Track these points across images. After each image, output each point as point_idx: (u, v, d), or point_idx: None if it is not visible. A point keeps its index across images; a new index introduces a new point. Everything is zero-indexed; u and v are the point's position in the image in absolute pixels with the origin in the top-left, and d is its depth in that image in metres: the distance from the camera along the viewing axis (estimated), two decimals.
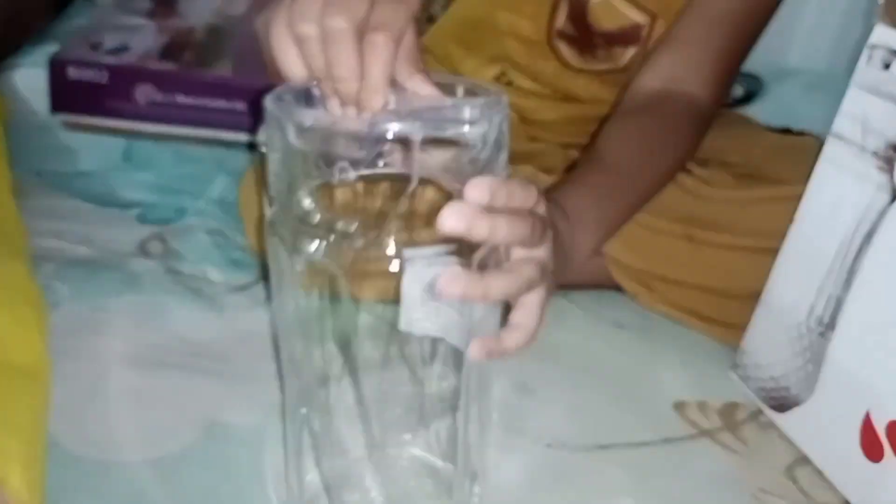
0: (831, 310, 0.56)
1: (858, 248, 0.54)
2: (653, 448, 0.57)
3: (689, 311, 0.71)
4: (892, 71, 0.52)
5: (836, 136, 0.56)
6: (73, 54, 0.90)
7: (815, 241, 0.58)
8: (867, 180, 0.54)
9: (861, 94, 0.54)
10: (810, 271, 0.57)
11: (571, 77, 0.80)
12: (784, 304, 0.60)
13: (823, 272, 0.56)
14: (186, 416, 0.54)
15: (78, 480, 0.48)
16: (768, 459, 0.58)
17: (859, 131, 0.54)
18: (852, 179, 0.55)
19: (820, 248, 0.57)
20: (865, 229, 0.54)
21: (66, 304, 0.62)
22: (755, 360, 0.63)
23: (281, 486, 0.49)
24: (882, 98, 0.53)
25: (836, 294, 0.56)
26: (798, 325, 0.59)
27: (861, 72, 0.54)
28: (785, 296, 0.60)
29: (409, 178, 0.40)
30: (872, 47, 0.53)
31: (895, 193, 0.52)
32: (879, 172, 0.53)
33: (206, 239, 0.75)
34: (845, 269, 0.55)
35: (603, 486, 0.54)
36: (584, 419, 0.59)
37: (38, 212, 0.74)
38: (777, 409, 0.60)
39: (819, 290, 0.57)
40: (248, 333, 0.63)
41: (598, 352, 0.67)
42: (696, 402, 0.62)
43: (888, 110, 0.52)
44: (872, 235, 0.53)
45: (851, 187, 0.55)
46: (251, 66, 0.93)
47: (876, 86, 0.53)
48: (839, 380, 0.56)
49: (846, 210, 0.55)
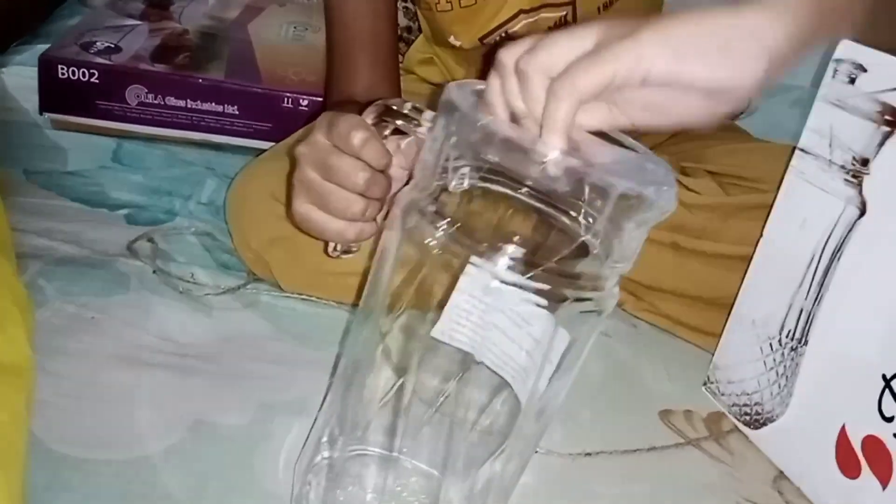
0: (803, 324, 0.56)
1: (829, 262, 0.54)
2: (639, 456, 0.58)
3: (676, 320, 0.71)
4: (858, 85, 0.52)
5: (804, 150, 0.56)
6: (64, 54, 0.90)
7: (784, 255, 0.58)
8: (836, 194, 0.54)
9: (827, 108, 0.55)
10: (780, 285, 0.58)
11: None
12: (755, 319, 0.60)
13: (794, 286, 0.57)
14: (173, 416, 0.53)
15: (62, 479, 0.47)
16: (755, 470, 0.58)
17: (826, 145, 0.55)
18: (820, 193, 0.55)
19: (790, 262, 0.57)
20: (835, 243, 0.54)
21: (53, 302, 0.62)
22: (727, 375, 0.63)
23: (268, 484, 0.49)
24: (848, 112, 0.53)
25: (808, 308, 0.56)
26: (769, 340, 0.59)
27: (827, 86, 0.55)
28: (756, 310, 0.60)
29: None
30: (838, 61, 0.53)
31: (864, 207, 0.52)
32: (847, 186, 0.53)
33: (194, 241, 0.74)
34: (816, 283, 0.55)
35: (589, 493, 0.54)
36: (571, 427, 0.59)
37: (26, 210, 0.73)
38: (750, 426, 0.60)
39: (790, 305, 0.57)
40: (235, 334, 0.63)
41: (584, 360, 0.67)
42: (682, 410, 0.63)
43: (855, 124, 0.53)
44: (842, 249, 0.54)
45: (820, 201, 0.55)
46: (243, 70, 0.94)
47: (842, 100, 0.53)
48: (813, 395, 0.56)
49: (815, 224, 0.55)
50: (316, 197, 0.50)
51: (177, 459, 0.50)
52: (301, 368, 0.60)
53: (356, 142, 0.47)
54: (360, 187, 0.48)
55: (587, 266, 0.39)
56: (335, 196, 0.49)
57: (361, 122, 0.47)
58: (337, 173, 0.48)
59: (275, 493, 0.49)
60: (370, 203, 0.49)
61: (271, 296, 0.68)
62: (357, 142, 0.47)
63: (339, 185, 0.48)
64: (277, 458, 0.52)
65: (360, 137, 0.47)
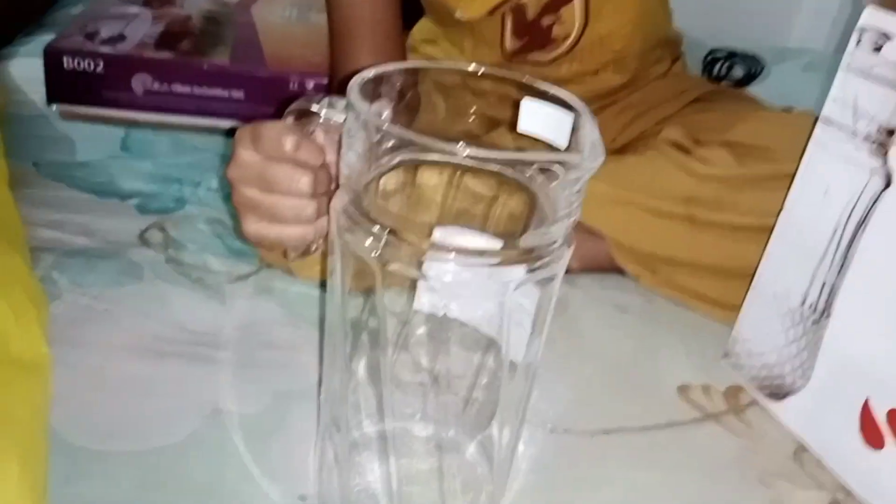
0: (826, 297, 0.55)
1: (852, 234, 0.53)
2: (657, 432, 0.57)
3: (693, 292, 0.70)
4: (884, 53, 0.51)
5: (826, 120, 0.55)
6: (69, 44, 0.90)
7: (806, 227, 0.57)
8: (859, 165, 0.53)
9: (851, 77, 0.53)
10: (802, 258, 0.57)
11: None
12: (776, 291, 0.59)
13: (816, 259, 0.56)
14: (189, 405, 0.54)
15: (82, 471, 0.48)
16: (775, 443, 0.58)
17: (850, 115, 0.53)
18: (844, 165, 0.54)
19: (812, 234, 0.56)
20: (859, 215, 0.53)
21: (67, 295, 0.62)
22: (747, 347, 0.62)
23: (284, 474, 0.49)
24: (873, 81, 0.52)
25: (831, 281, 0.55)
26: (792, 313, 0.58)
27: (851, 55, 0.53)
28: (777, 282, 0.59)
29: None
30: (862, 30, 0.52)
31: (889, 178, 0.51)
32: (872, 157, 0.52)
33: (206, 228, 0.74)
34: (839, 255, 0.54)
35: (607, 471, 0.53)
36: (588, 404, 0.59)
37: (37, 203, 0.73)
38: (771, 398, 0.60)
39: (812, 277, 0.56)
40: (248, 322, 0.63)
41: (600, 336, 0.66)
42: (700, 385, 0.62)
43: (880, 93, 0.51)
44: (866, 221, 0.52)
45: (843, 173, 0.54)
46: (248, 53, 0.93)
47: (866, 69, 0.52)
48: (836, 367, 0.55)
49: (838, 196, 0.54)
50: (264, 213, 0.48)
51: (194, 449, 0.50)
52: (315, 354, 0.60)
53: (288, 147, 0.46)
54: (307, 191, 0.47)
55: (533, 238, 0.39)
56: (283, 206, 0.47)
57: (286, 127, 0.46)
58: (279, 183, 0.47)
59: (293, 481, 0.49)
60: (319, 200, 0.48)
61: (284, 282, 0.68)
62: (289, 147, 0.46)
63: (285, 194, 0.47)
64: (294, 445, 0.52)
65: (290, 142, 0.46)
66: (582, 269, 0.71)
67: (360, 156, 0.39)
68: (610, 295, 0.71)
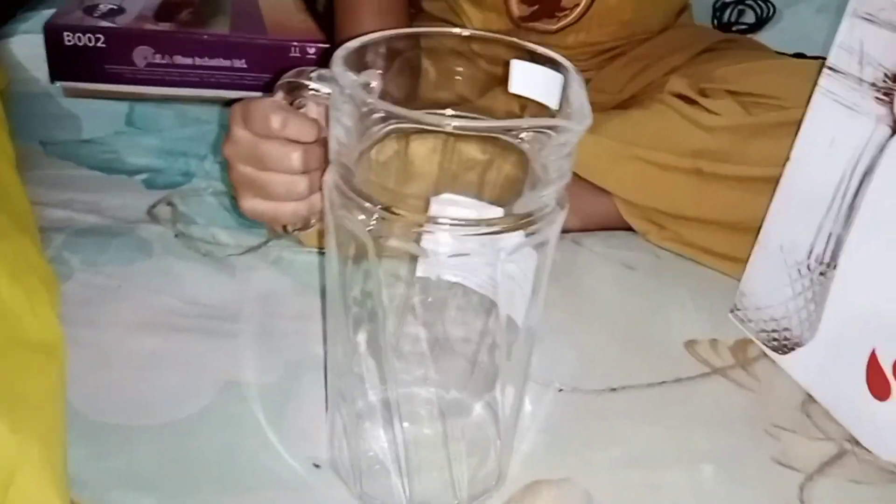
0: (832, 248, 0.55)
1: (858, 184, 0.53)
2: (665, 388, 0.58)
3: (701, 247, 0.70)
4: None
5: (832, 68, 0.54)
6: (69, 20, 0.89)
7: (812, 178, 0.56)
8: (866, 113, 0.52)
9: (857, 22, 0.52)
10: (808, 210, 0.56)
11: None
12: (783, 244, 0.59)
13: (822, 210, 0.55)
14: (203, 378, 0.55)
15: (102, 448, 0.49)
16: (782, 395, 0.58)
17: (856, 62, 0.52)
18: (850, 113, 0.53)
19: (818, 185, 0.55)
20: (865, 164, 0.52)
21: (79, 274, 0.63)
22: (754, 302, 0.62)
23: (298, 442, 0.50)
24: (879, 26, 0.50)
25: (837, 232, 0.54)
26: (798, 265, 0.58)
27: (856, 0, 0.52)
28: (783, 235, 0.59)
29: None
30: None
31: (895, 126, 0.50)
32: (879, 104, 0.51)
33: (213, 201, 0.75)
34: (845, 206, 0.54)
35: (616, 429, 0.54)
36: (596, 362, 0.59)
37: (45, 182, 0.74)
38: (779, 351, 0.60)
39: (819, 229, 0.55)
40: (260, 293, 0.64)
41: (608, 294, 0.67)
42: (707, 340, 0.62)
43: (886, 38, 0.50)
44: (873, 170, 0.52)
45: (849, 121, 0.53)
46: (248, 21, 0.92)
47: (873, 13, 0.51)
48: (843, 319, 0.55)
49: (844, 145, 0.53)
50: (259, 190, 0.49)
51: (210, 421, 0.52)
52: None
53: (276, 125, 0.46)
54: (297, 167, 0.47)
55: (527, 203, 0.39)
56: (276, 183, 0.48)
57: (274, 103, 0.46)
58: (270, 161, 0.47)
59: (308, 449, 0.50)
60: (312, 175, 0.48)
61: (293, 251, 0.68)
62: (277, 125, 0.46)
63: (277, 171, 0.48)
64: (308, 413, 0.53)
65: (278, 119, 0.46)
66: (585, 227, 0.71)
67: (348, 129, 0.38)
68: (617, 252, 0.71)
